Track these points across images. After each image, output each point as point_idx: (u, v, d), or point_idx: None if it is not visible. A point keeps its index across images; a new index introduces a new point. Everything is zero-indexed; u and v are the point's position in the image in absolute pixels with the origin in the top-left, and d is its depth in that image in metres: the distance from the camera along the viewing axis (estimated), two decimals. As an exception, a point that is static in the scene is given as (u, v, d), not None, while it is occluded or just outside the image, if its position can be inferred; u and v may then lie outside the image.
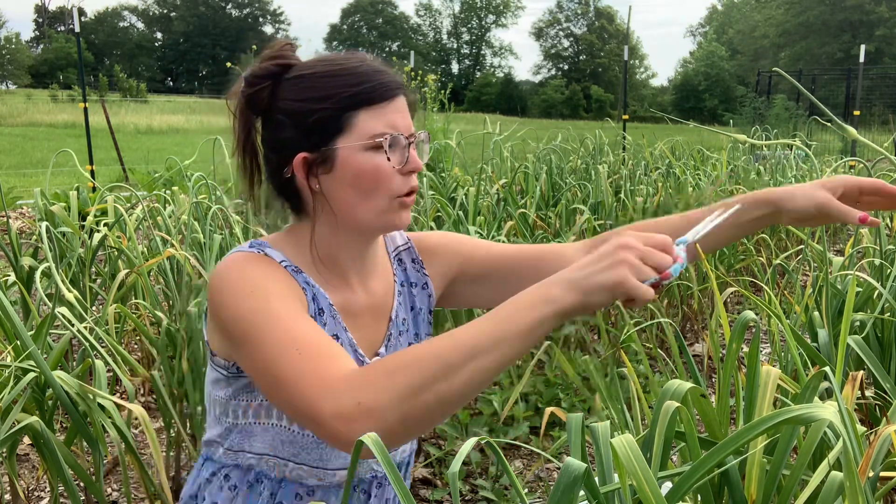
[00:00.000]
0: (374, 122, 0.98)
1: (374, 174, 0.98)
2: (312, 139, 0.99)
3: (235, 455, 1.04)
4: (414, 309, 1.16)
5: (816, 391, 0.87)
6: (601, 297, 0.78)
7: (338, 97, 0.98)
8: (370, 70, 1.01)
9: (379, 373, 0.79)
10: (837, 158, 9.97)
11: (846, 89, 18.77)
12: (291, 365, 0.83)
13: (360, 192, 0.99)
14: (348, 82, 0.99)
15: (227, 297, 0.94)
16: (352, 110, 0.98)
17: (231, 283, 0.95)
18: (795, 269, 3.44)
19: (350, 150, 0.98)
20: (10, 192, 6.61)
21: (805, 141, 8.59)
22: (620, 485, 0.71)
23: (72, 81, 36.52)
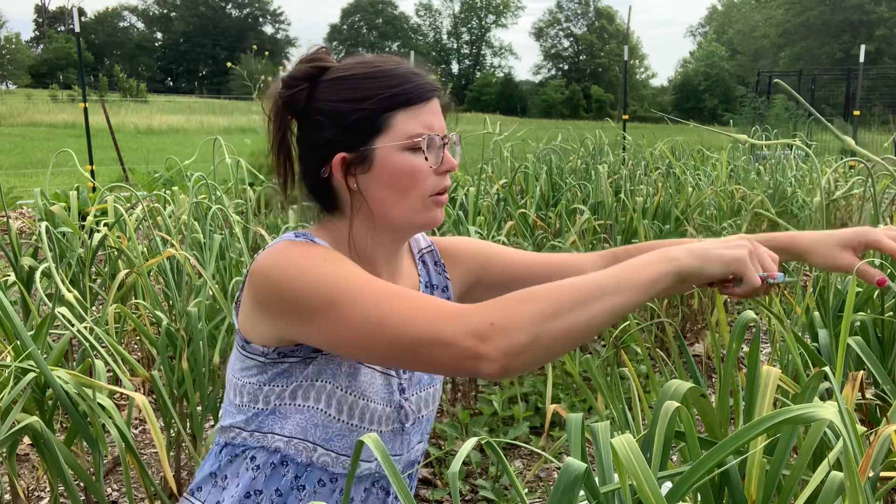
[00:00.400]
0: (411, 123, 1.01)
1: (411, 174, 1.02)
2: (351, 139, 1.02)
3: (263, 437, 1.05)
4: None
5: (816, 391, 0.87)
6: (717, 267, 0.87)
7: (376, 98, 1.01)
8: (407, 72, 1.03)
9: (510, 300, 0.85)
10: (837, 158, 9.97)
11: (846, 89, 18.79)
12: (402, 309, 0.88)
13: (396, 191, 1.02)
14: (386, 84, 1.01)
15: (295, 274, 0.95)
16: (390, 111, 1.01)
17: (295, 261, 0.97)
18: (796, 270, 3.44)
19: (388, 150, 1.01)
20: (10, 192, 6.61)
21: (805, 141, 8.59)
22: (620, 485, 0.71)
23: (72, 81, 36.55)
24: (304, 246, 1.00)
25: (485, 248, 1.25)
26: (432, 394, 1.16)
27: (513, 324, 0.82)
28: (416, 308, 0.88)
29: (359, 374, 1.04)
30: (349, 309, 0.90)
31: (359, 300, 0.90)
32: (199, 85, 68.78)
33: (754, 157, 7.30)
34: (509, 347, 0.82)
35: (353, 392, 1.03)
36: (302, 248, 0.99)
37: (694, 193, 4.17)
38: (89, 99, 8.85)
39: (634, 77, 57.90)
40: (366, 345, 0.91)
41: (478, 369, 0.84)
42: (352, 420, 1.03)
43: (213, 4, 69.41)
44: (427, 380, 1.15)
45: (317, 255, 0.98)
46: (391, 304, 0.89)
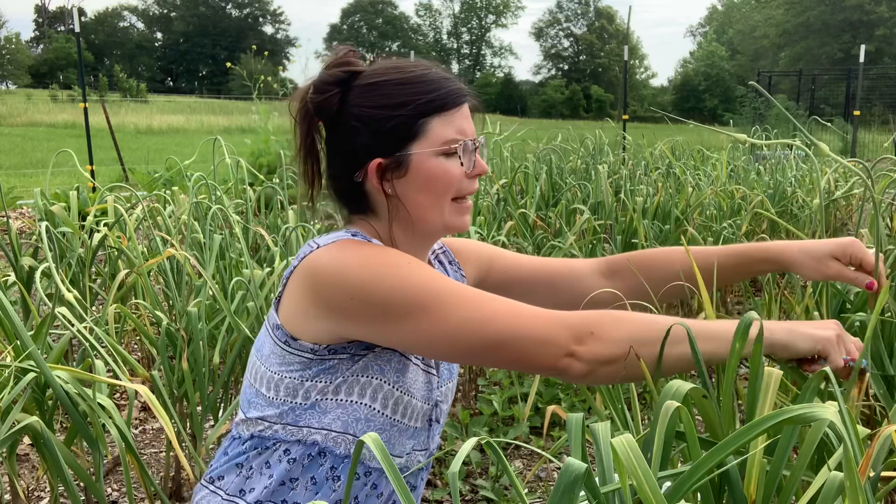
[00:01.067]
0: (446, 129, 1.04)
1: (446, 178, 1.04)
2: (387, 145, 1.03)
3: (298, 430, 1.05)
4: None
5: (816, 391, 0.87)
6: (805, 344, 0.91)
7: (413, 104, 1.02)
8: (440, 77, 1.05)
9: (610, 316, 0.93)
10: (837, 158, 9.96)
11: (846, 89, 18.77)
12: (503, 309, 0.94)
13: (431, 195, 1.05)
14: (422, 90, 1.03)
15: (379, 277, 0.97)
16: (425, 117, 1.03)
17: (375, 264, 0.98)
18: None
19: (424, 156, 1.03)
20: (10, 192, 6.61)
21: (805, 141, 8.59)
22: (621, 485, 0.71)
23: (72, 81, 36.55)
24: (371, 246, 1.02)
25: (487, 251, 1.28)
26: (451, 388, 1.19)
27: (610, 336, 0.90)
28: (516, 308, 0.94)
29: (407, 371, 1.05)
30: (448, 310, 0.94)
31: (456, 302, 0.95)
32: (199, 85, 68.78)
33: (754, 157, 7.30)
34: (602, 356, 0.90)
35: (400, 388, 1.05)
36: (373, 249, 1.01)
37: (694, 193, 4.17)
38: (89, 99, 8.86)
39: (634, 77, 57.89)
40: (463, 343, 0.95)
41: (570, 369, 0.91)
42: (395, 415, 1.05)
43: (213, 4, 69.41)
44: (447, 374, 1.17)
45: (394, 256, 1.00)
46: (492, 306, 0.94)
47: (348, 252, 1.00)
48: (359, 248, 1.01)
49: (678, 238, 3.53)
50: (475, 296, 0.96)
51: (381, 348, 1.03)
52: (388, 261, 0.99)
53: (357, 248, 1.01)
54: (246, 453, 1.08)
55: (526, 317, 0.93)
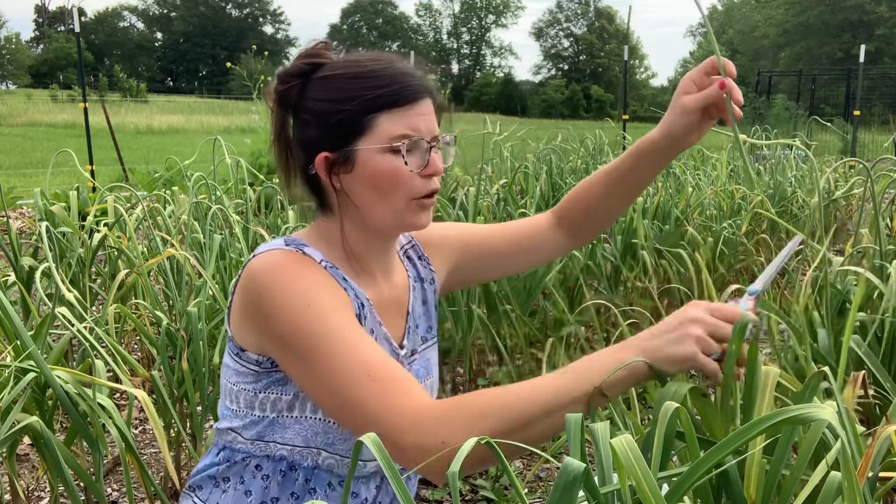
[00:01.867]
0: (394, 125, 1.00)
1: (392, 176, 1.01)
2: (334, 139, 1.02)
3: (266, 446, 1.05)
4: (426, 303, 1.21)
5: (816, 391, 0.87)
6: (672, 368, 0.84)
7: (360, 99, 1.00)
8: (396, 72, 1.02)
9: (464, 414, 0.83)
10: (837, 158, 9.97)
11: (846, 89, 18.76)
12: (367, 392, 0.87)
13: (378, 192, 1.02)
14: (371, 84, 1.00)
15: (280, 307, 0.94)
16: (373, 112, 1.00)
17: (282, 291, 0.96)
18: (795, 270, 3.44)
19: (369, 152, 1.00)
20: (10, 192, 6.61)
21: (805, 141, 8.59)
22: (620, 485, 0.71)
23: (72, 81, 36.54)
24: (293, 266, 0.99)
25: (458, 235, 1.27)
26: (429, 385, 1.18)
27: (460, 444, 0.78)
28: (384, 404, 0.86)
29: None
30: (320, 370, 0.91)
31: (332, 366, 0.90)
32: (199, 85, 68.77)
33: (754, 157, 7.30)
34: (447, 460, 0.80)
35: None
36: (290, 273, 0.97)
37: (694, 193, 4.17)
38: (89, 99, 8.85)
39: (634, 77, 57.89)
40: (322, 402, 0.94)
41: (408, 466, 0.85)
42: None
43: (213, 4, 69.39)
44: (424, 373, 1.17)
45: (303, 291, 0.95)
46: (364, 388, 0.87)
47: (269, 271, 0.98)
48: (278, 269, 0.98)
49: (678, 238, 3.53)
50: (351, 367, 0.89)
51: None
52: (293, 292, 0.95)
53: (277, 268, 0.98)
54: (217, 465, 1.08)
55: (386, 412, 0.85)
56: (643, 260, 3.25)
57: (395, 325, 1.13)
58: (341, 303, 0.98)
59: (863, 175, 4.84)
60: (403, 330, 1.15)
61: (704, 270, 1.76)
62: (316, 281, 0.98)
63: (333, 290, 0.99)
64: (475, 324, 2.61)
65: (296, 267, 0.99)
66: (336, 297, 0.98)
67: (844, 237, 5.83)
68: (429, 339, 1.21)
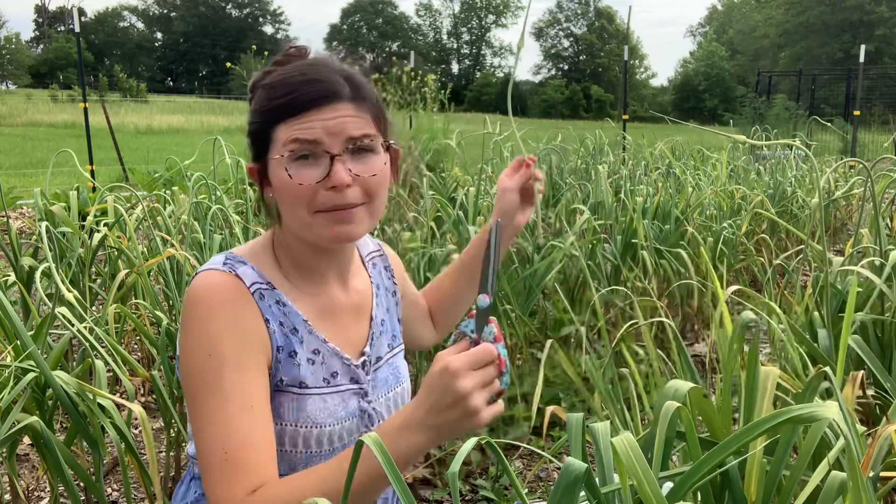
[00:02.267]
0: (286, 134, 0.98)
1: (290, 188, 0.98)
2: (254, 150, 1.03)
3: None
4: (389, 310, 1.21)
5: (817, 391, 0.87)
6: (459, 435, 0.85)
7: (263, 110, 1.01)
8: (300, 80, 0.99)
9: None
10: (837, 158, 9.97)
11: (846, 89, 18.76)
12: (216, 463, 0.91)
13: (285, 204, 1.00)
14: (274, 94, 1.00)
15: (187, 345, 0.96)
16: (275, 123, 0.99)
17: (194, 330, 0.96)
18: (795, 270, 3.44)
19: (274, 163, 1.00)
20: (10, 192, 6.61)
21: (805, 141, 8.59)
22: (621, 485, 0.71)
23: (72, 81, 36.54)
24: (213, 302, 0.97)
25: (403, 283, 1.30)
26: (400, 393, 1.18)
27: None
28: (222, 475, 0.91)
29: (306, 405, 1.02)
30: (198, 419, 0.94)
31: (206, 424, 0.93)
32: (199, 85, 68.77)
33: (754, 157, 7.30)
34: None
35: (303, 424, 1.02)
36: (209, 308, 0.96)
37: (694, 193, 4.17)
38: (89, 99, 8.85)
39: (634, 77, 57.88)
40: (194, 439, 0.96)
41: None
42: (308, 448, 1.03)
43: (213, 4, 69.38)
44: (393, 380, 1.17)
45: (210, 336, 0.95)
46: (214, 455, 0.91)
47: (195, 296, 0.98)
48: (203, 295, 0.98)
49: (678, 238, 3.53)
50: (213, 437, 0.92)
51: (280, 392, 1.01)
52: (202, 332, 0.95)
53: (202, 295, 0.98)
54: (191, 496, 1.09)
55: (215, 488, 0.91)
56: (643, 260, 3.25)
57: (353, 331, 1.12)
58: (246, 355, 0.96)
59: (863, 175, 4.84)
60: (367, 335, 1.14)
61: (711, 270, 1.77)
62: (228, 324, 0.96)
63: (243, 336, 0.97)
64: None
65: (216, 302, 0.97)
66: (242, 348, 0.96)
67: (844, 237, 5.83)
68: (395, 347, 1.20)
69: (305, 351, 1.03)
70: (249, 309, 0.99)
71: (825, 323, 1.65)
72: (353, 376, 1.08)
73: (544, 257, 2.94)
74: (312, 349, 1.04)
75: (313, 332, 1.05)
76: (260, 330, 0.99)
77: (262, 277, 1.03)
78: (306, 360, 1.03)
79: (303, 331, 1.04)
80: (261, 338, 0.99)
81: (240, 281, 1.00)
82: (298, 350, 1.02)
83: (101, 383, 1.69)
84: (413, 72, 8.21)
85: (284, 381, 1.01)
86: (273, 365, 1.00)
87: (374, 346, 1.14)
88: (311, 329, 1.05)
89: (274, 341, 1.00)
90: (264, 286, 1.02)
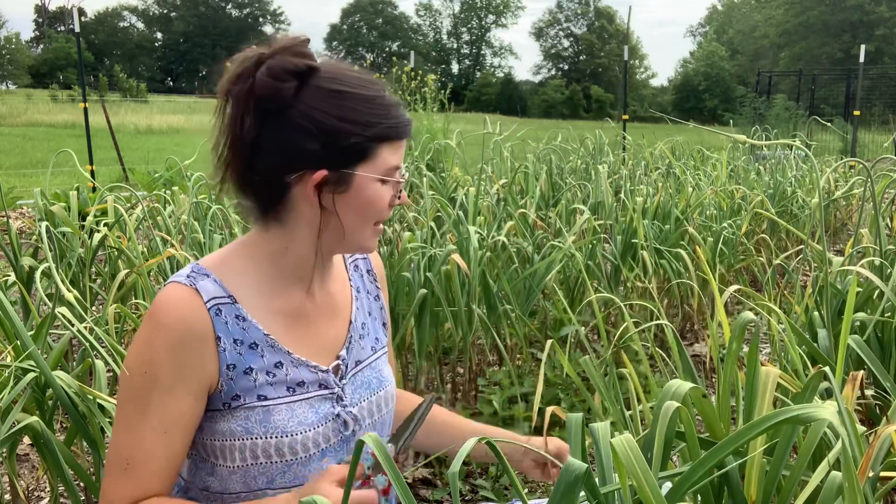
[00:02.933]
0: (392, 157, 1.03)
1: (380, 204, 1.04)
2: (338, 158, 0.99)
3: (215, 496, 1.06)
4: (372, 314, 1.21)
5: (816, 391, 0.87)
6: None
7: (376, 126, 1.00)
8: (396, 103, 1.05)
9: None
10: (837, 158, 9.97)
11: (846, 89, 18.77)
12: (115, 472, 0.98)
13: (361, 217, 1.04)
14: (385, 113, 1.02)
15: (131, 354, 1.00)
16: (381, 141, 1.01)
17: (141, 342, 0.99)
18: (795, 270, 3.44)
19: (367, 179, 1.01)
20: (10, 192, 6.61)
21: (805, 141, 8.59)
22: (620, 485, 0.71)
23: (72, 81, 36.53)
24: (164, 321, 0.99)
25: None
26: (383, 396, 1.17)
27: None
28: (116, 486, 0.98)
29: (271, 416, 1.03)
30: (116, 424, 0.99)
31: (121, 432, 0.99)
32: (199, 85, 68.76)
33: (754, 157, 7.30)
34: None
35: (273, 434, 1.02)
36: (157, 329, 0.98)
37: (694, 193, 4.17)
38: (89, 99, 8.85)
39: (634, 77, 57.89)
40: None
41: None
42: (283, 458, 1.02)
43: (213, 4, 69.39)
44: (376, 384, 1.16)
45: (150, 357, 0.98)
46: (116, 466, 0.98)
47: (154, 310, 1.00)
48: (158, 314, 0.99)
49: (678, 238, 3.53)
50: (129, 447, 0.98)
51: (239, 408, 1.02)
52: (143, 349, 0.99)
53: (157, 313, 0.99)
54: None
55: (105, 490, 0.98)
56: (643, 260, 3.25)
57: (327, 335, 1.12)
58: (180, 381, 0.98)
59: (863, 175, 4.84)
60: (344, 339, 1.13)
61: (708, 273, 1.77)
62: (168, 348, 0.98)
63: (181, 363, 0.98)
64: (475, 324, 2.61)
65: (164, 323, 0.98)
66: (178, 374, 0.98)
67: (844, 237, 5.83)
68: (378, 350, 1.20)
69: (266, 364, 1.03)
70: (195, 333, 0.99)
71: (825, 323, 1.65)
72: (323, 382, 1.08)
73: (544, 257, 2.94)
74: (275, 362, 1.04)
75: (276, 346, 1.04)
76: (204, 356, 1.00)
77: (224, 291, 1.02)
78: (266, 373, 1.03)
79: (263, 346, 1.03)
80: (202, 365, 0.99)
81: (197, 297, 1.00)
82: (255, 365, 1.02)
83: (101, 383, 1.69)
84: (413, 72, 8.21)
85: (242, 396, 1.01)
86: (223, 383, 1.01)
87: (353, 350, 1.14)
88: (273, 342, 1.04)
89: (223, 360, 1.00)
90: (224, 300, 1.01)
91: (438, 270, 2.58)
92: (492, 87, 58.51)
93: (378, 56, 66.48)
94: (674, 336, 1.36)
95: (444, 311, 2.59)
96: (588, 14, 64.81)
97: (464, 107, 43.70)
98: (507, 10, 68.59)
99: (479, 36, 69.49)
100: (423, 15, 70.67)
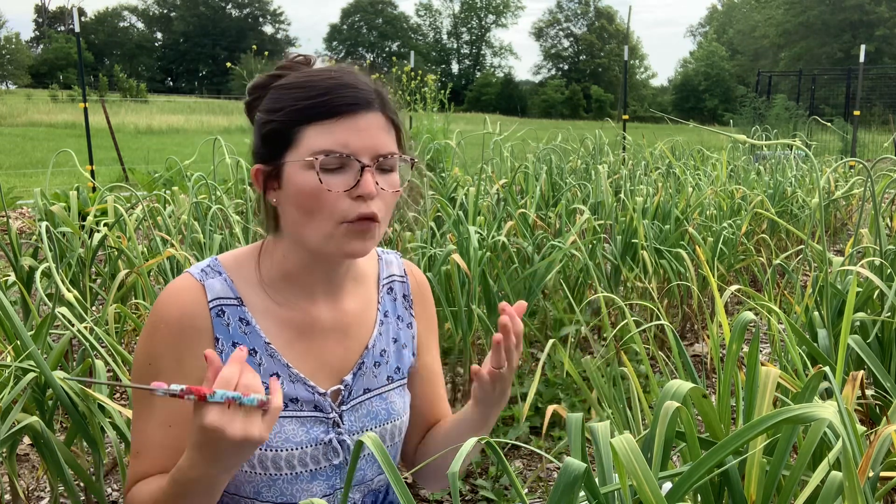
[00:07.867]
0: (320, 139, 0.93)
1: (315, 195, 0.93)
2: (266, 151, 0.98)
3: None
4: (398, 342, 1.13)
5: (816, 391, 0.87)
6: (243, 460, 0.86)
7: (287, 109, 0.95)
8: (333, 84, 0.95)
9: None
10: (837, 158, 9.98)
11: (846, 89, 18.77)
12: (132, 453, 1.01)
13: (303, 212, 0.95)
14: (303, 95, 0.95)
15: (140, 341, 1.01)
16: (301, 124, 0.94)
17: (146, 336, 0.99)
18: (795, 270, 3.44)
19: (294, 167, 0.94)
20: (10, 192, 6.61)
21: (805, 141, 8.59)
22: (620, 485, 0.71)
23: (72, 81, 36.56)
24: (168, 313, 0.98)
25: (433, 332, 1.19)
26: (389, 430, 1.09)
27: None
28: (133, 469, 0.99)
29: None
30: (133, 418, 1.01)
31: (135, 424, 1.00)
32: (199, 85, 68.80)
33: (754, 157, 7.31)
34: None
35: (265, 446, 1.00)
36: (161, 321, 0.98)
37: (694, 193, 4.17)
38: (89, 99, 8.85)
39: (634, 77, 57.90)
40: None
41: None
42: (266, 471, 1.00)
43: (213, 4, 69.40)
44: (384, 415, 1.09)
45: (156, 345, 0.98)
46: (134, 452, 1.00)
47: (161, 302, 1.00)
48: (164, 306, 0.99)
49: (678, 238, 3.53)
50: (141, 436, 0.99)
51: None
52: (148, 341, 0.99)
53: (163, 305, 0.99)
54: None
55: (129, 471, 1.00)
56: (643, 260, 3.25)
57: (334, 355, 1.06)
58: (178, 376, 0.96)
59: (863, 175, 4.84)
60: (353, 363, 1.07)
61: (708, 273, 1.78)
62: (167, 342, 0.98)
63: (179, 358, 0.97)
64: (475, 324, 2.61)
65: (165, 315, 0.98)
66: (176, 369, 0.97)
67: (844, 237, 5.83)
68: (395, 381, 1.11)
69: (262, 373, 1.00)
70: (194, 328, 0.98)
71: (825, 323, 1.65)
72: (318, 405, 1.03)
73: (544, 257, 2.94)
74: (271, 373, 1.01)
75: (275, 356, 1.01)
76: (202, 351, 0.96)
77: (233, 292, 1.01)
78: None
79: (262, 353, 1.01)
80: (199, 362, 0.98)
81: (202, 294, 0.99)
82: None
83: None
84: (413, 72, 8.21)
85: None
86: None
87: (363, 377, 1.07)
88: (273, 352, 1.01)
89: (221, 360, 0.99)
90: (230, 301, 1.00)
91: (438, 270, 2.58)
92: (492, 87, 58.53)
93: (378, 56, 66.51)
94: (674, 336, 1.36)
95: (444, 311, 2.59)
96: (588, 14, 64.83)
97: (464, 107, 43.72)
98: (507, 10, 68.63)
99: (478, 36, 69.52)
100: (423, 15, 70.74)
